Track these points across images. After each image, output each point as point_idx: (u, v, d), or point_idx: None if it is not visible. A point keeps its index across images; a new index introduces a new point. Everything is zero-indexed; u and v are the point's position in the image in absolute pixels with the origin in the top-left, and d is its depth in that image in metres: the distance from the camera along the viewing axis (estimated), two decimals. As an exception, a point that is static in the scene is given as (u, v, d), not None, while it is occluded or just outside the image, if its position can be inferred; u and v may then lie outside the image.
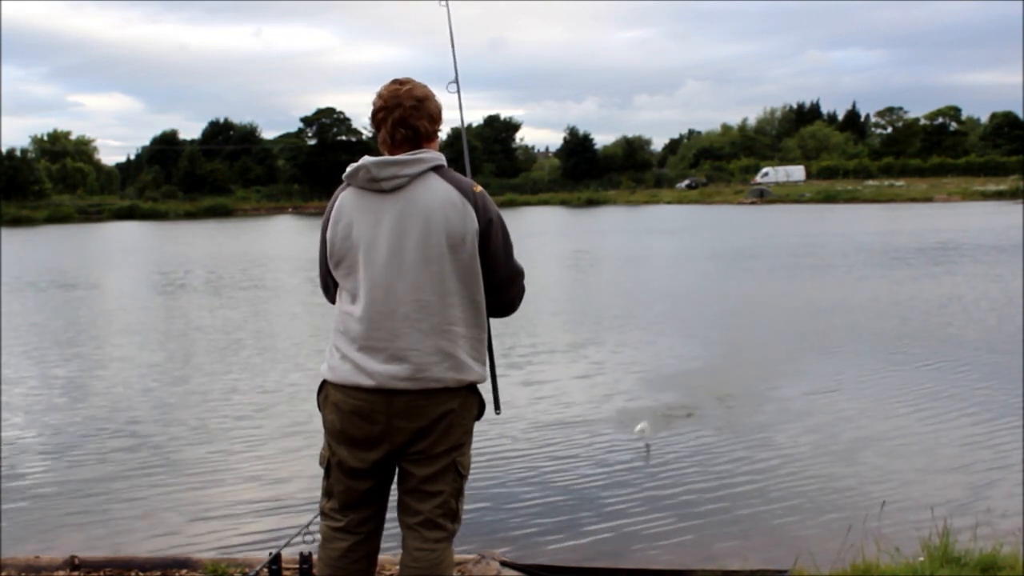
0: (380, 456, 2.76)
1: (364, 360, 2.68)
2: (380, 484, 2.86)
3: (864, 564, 3.91)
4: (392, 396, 2.67)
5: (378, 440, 2.72)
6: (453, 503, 2.79)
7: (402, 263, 2.68)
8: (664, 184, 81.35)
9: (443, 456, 2.75)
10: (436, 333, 2.70)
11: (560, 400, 8.39)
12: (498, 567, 3.99)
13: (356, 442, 2.75)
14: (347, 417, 2.73)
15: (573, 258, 24.63)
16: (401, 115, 2.74)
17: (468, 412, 2.79)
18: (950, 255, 21.54)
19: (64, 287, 19.90)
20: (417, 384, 2.67)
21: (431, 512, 2.76)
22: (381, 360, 2.67)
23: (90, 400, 8.88)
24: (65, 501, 5.96)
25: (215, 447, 7.12)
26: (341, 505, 2.87)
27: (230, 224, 53.84)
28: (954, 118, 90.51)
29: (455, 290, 2.71)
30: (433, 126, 2.80)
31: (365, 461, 2.77)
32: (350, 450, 2.78)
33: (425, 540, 2.76)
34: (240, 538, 5.24)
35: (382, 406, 2.68)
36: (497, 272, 2.80)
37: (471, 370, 2.76)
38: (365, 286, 2.71)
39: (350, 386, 2.71)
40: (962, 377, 8.90)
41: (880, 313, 13.02)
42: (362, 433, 2.72)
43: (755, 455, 6.55)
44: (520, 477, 6.18)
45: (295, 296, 17.14)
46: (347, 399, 2.73)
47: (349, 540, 2.89)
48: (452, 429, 2.73)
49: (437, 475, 2.75)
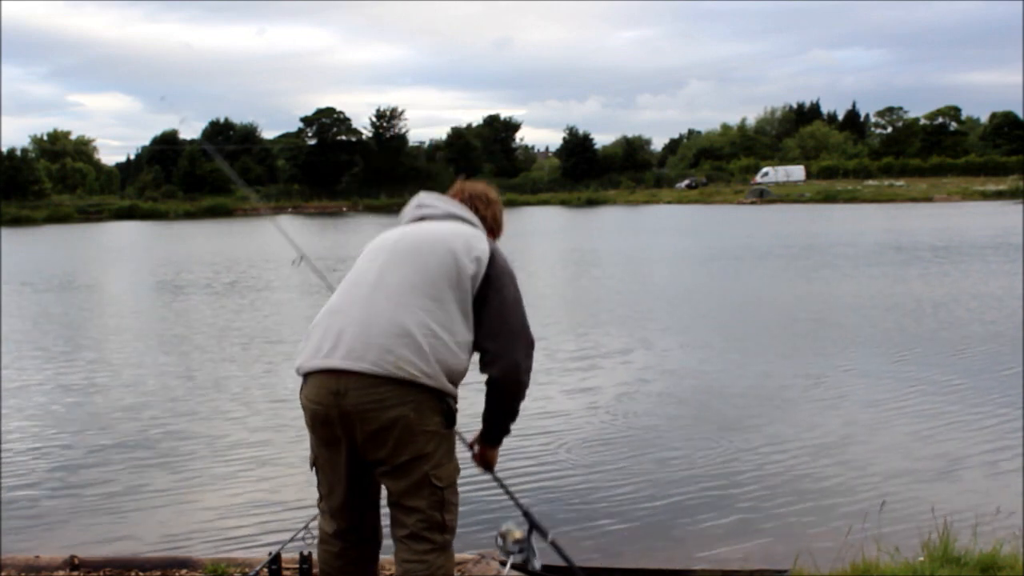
0: (346, 456, 2.74)
1: (324, 343, 2.76)
2: (363, 488, 2.83)
3: (864, 564, 3.91)
4: (340, 377, 2.66)
5: (335, 432, 2.71)
6: (437, 516, 2.74)
7: (397, 269, 2.79)
8: (664, 184, 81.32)
9: (411, 469, 2.69)
10: (408, 330, 2.69)
11: (559, 399, 8.38)
12: (498, 567, 3.98)
13: (321, 437, 2.78)
14: (309, 406, 2.76)
15: (573, 258, 24.62)
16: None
17: (427, 418, 2.68)
18: (950, 255, 21.54)
19: (64, 287, 19.89)
20: (363, 364, 2.63)
21: (415, 526, 2.73)
22: (340, 347, 2.71)
23: (90, 400, 8.87)
24: (65, 501, 5.96)
25: (215, 447, 7.11)
26: (330, 507, 2.88)
27: (230, 224, 53.82)
28: (954, 118, 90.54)
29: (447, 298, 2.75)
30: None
31: (336, 463, 2.78)
32: (319, 448, 2.82)
33: (413, 552, 2.74)
34: (240, 538, 5.23)
35: (332, 384, 2.67)
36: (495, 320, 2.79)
37: (430, 372, 2.66)
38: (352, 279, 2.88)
39: (310, 371, 2.76)
40: (962, 377, 8.89)
41: (880, 313, 13.01)
42: (320, 417, 2.73)
43: (755, 455, 6.54)
44: (519, 477, 6.17)
45: (296, 296, 17.14)
46: (309, 389, 2.77)
47: (342, 542, 2.89)
48: (411, 436, 2.65)
49: (411, 490, 2.71)
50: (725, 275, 18.93)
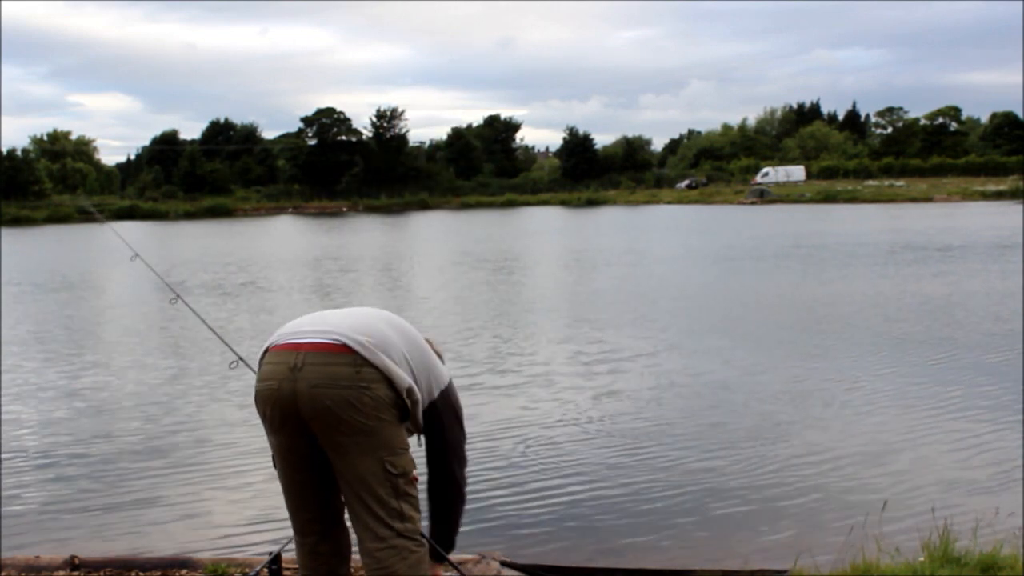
0: (298, 435, 2.71)
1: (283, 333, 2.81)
2: (321, 476, 2.80)
3: (864, 564, 3.91)
4: (299, 349, 2.67)
5: (285, 411, 2.67)
6: (394, 503, 2.70)
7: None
8: (664, 184, 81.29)
9: (362, 449, 2.65)
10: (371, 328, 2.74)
11: (559, 399, 8.38)
12: (498, 567, 3.98)
13: (272, 421, 2.74)
14: (260, 389, 2.74)
15: (572, 257, 24.63)
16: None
17: (381, 402, 2.65)
18: (950, 255, 21.53)
19: (64, 287, 19.90)
20: (325, 336, 2.66)
21: (374, 509, 2.69)
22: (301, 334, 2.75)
23: (90, 400, 8.87)
24: (65, 501, 5.96)
25: (216, 446, 7.12)
26: (292, 502, 2.87)
27: (230, 224, 53.82)
28: (954, 118, 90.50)
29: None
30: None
31: (289, 445, 2.76)
32: (273, 435, 2.79)
33: (375, 539, 2.70)
34: (240, 538, 5.24)
35: (290, 359, 2.67)
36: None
37: (390, 363, 2.67)
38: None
39: (267, 351, 2.77)
40: (963, 377, 8.89)
41: (880, 313, 13.01)
42: (271, 401, 2.69)
43: (755, 455, 6.54)
44: (520, 477, 6.18)
45: (297, 297, 17.13)
46: (263, 371, 2.75)
47: (312, 538, 2.87)
48: (361, 409, 2.61)
49: (365, 471, 2.67)
50: (726, 274, 18.92)
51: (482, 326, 12.85)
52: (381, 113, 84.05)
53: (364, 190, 78.01)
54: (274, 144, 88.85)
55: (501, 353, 10.75)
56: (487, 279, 19.33)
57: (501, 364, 10.11)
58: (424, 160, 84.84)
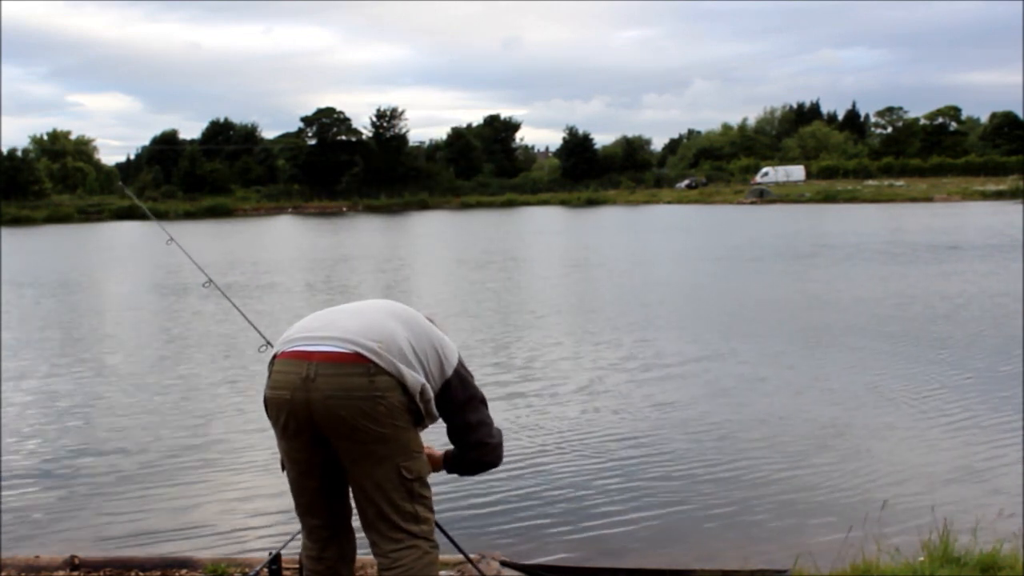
0: (311, 444, 2.69)
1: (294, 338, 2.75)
2: (331, 483, 2.80)
3: (864, 564, 3.91)
4: (311, 358, 2.62)
5: (299, 421, 2.64)
6: (408, 507, 2.70)
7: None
8: (664, 184, 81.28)
9: (378, 456, 2.64)
10: (381, 326, 2.72)
11: (559, 400, 8.38)
12: (498, 567, 3.98)
13: (285, 428, 2.70)
14: (271, 397, 2.71)
15: (571, 257, 24.63)
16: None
17: (395, 409, 2.64)
18: (951, 254, 21.53)
19: (64, 288, 19.89)
20: (336, 345, 2.62)
21: (389, 515, 2.69)
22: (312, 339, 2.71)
23: (90, 400, 8.87)
24: (65, 501, 5.96)
25: (216, 447, 7.11)
26: (301, 507, 2.86)
27: (230, 224, 53.82)
28: (954, 118, 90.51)
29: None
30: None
31: (301, 452, 2.73)
32: (285, 440, 2.75)
33: (390, 541, 2.71)
34: (240, 538, 5.23)
35: (301, 368, 2.62)
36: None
37: (403, 368, 2.64)
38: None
39: (276, 358, 2.73)
40: (962, 376, 8.89)
41: (880, 312, 13.01)
42: (284, 409, 2.66)
43: (755, 454, 6.54)
44: (520, 477, 6.18)
45: (298, 297, 17.13)
46: (273, 379, 2.71)
47: (319, 543, 2.87)
48: (376, 418, 2.60)
49: (381, 477, 2.66)
50: (726, 274, 18.92)
51: (482, 326, 12.86)
52: (381, 113, 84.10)
53: (364, 190, 78.00)
54: (274, 144, 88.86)
55: (501, 353, 10.75)
56: (487, 279, 19.32)
57: (501, 364, 10.10)
58: (424, 160, 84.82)
